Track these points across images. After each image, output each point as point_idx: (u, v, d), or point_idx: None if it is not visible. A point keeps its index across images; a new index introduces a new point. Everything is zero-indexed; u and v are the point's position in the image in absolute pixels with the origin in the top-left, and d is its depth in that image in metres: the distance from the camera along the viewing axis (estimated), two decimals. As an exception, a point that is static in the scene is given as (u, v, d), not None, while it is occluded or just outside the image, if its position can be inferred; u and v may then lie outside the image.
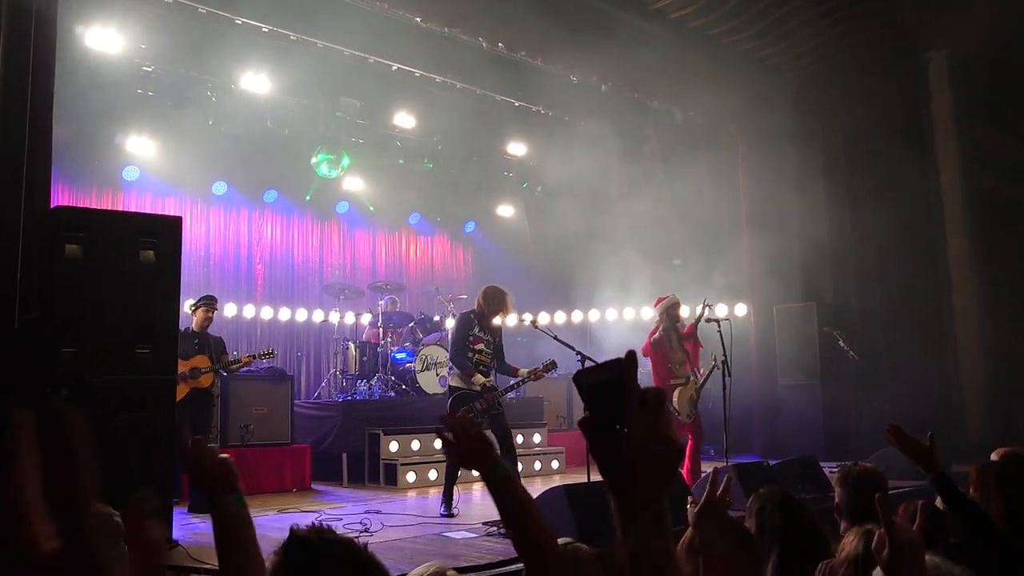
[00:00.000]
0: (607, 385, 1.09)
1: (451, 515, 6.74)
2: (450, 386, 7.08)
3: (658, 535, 1.08)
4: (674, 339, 7.98)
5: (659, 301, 8.18)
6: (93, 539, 1.26)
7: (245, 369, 8.52)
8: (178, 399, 7.26)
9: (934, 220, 11.19)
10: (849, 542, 2.27)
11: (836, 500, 3.22)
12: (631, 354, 1.11)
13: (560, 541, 2.13)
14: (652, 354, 7.89)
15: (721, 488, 2.16)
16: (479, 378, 6.83)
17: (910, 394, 9.97)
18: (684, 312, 8.56)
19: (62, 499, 1.28)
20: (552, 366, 7.00)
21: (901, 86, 11.15)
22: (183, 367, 7.56)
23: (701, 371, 8.11)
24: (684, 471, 7.24)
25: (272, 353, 8.80)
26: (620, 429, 1.09)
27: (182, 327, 6.86)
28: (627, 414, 1.08)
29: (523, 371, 6.98)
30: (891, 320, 10.77)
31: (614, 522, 1.10)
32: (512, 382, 7.08)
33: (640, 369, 1.27)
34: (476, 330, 7.02)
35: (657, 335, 7.98)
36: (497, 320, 7.13)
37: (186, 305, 7.90)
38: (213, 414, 8.31)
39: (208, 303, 8.21)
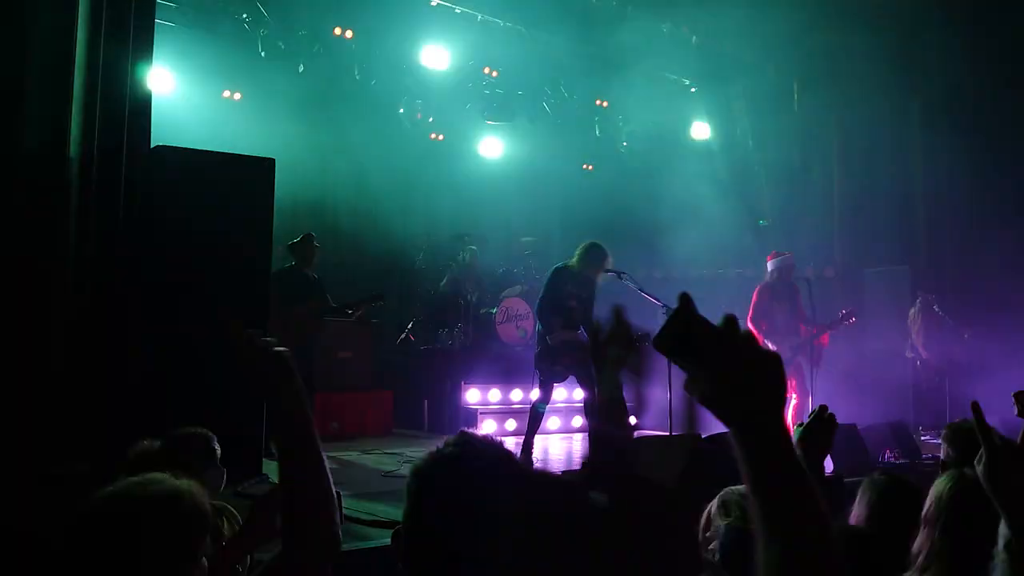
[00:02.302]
0: (681, 336, 1.05)
1: (530, 462, 6.78)
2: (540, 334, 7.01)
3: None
4: (777, 297, 7.99)
5: (774, 256, 8.19)
6: None
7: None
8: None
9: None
10: (938, 483, 2.17)
11: (943, 458, 3.10)
12: (684, 296, 1.07)
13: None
14: (753, 305, 7.97)
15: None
16: (558, 335, 6.74)
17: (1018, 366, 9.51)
18: None
19: None
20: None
21: (1012, 35, 10.47)
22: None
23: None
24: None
25: (381, 298, 8.39)
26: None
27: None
28: (705, 350, 1.04)
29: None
30: (993, 286, 10.25)
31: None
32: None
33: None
34: (569, 286, 6.90)
35: (761, 288, 8.01)
36: (592, 276, 6.98)
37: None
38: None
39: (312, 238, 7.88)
